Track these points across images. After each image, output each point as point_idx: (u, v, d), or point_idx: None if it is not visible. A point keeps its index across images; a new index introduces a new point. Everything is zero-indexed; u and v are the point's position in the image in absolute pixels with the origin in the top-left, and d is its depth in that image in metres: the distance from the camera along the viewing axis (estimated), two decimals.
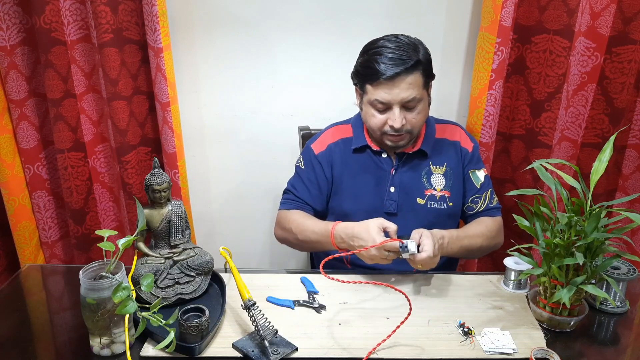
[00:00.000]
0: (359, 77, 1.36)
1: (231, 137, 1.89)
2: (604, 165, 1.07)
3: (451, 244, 1.30)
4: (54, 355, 1.09)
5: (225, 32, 1.74)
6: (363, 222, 1.25)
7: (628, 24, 1.49)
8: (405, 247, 1.17)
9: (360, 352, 1.03)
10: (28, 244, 1.72)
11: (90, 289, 0.98)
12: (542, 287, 1.13)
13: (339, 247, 1.30)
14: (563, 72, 1.60)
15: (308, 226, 1.38)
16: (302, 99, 1.84)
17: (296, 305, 1.19)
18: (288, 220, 1.43)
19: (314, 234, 1.36)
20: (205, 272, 1.21)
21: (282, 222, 1.46)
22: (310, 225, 1.38)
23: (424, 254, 1.17)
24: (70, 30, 1.54)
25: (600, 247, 1.05)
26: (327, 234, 1.31)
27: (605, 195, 1.71)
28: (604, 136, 1.61)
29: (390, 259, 1.21)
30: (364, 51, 1.37)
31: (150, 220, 1.18)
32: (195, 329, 1.01)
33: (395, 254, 1.20)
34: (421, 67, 1.31)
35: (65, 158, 1.68)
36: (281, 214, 1.48)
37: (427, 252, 1.18)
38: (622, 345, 1.11)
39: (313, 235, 1.36)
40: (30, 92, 1.62)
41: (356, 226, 1.25)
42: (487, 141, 1.68)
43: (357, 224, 1.26)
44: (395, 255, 1.20)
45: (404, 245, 1.17)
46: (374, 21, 1.73)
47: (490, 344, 1.05)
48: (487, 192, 1.46)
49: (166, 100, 1.61)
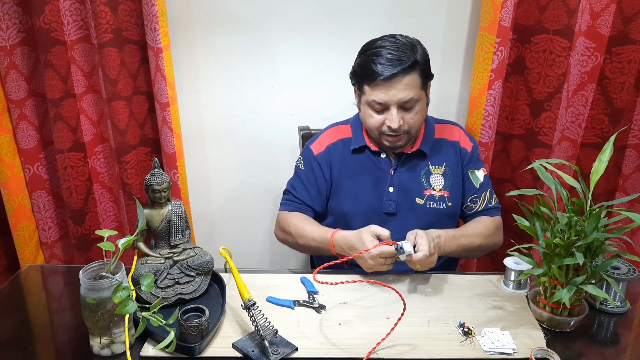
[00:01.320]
0: (357, 77, 1.36)
1: (231, 137, 1.89)
2: (604, 165, 1.07)
3: (448, 243, 1.30)
4: (54, 355, 1.08)
5: (225, 32, 1.74)
6: (357, 232, 1.26)
7: (628, 24, 1.49)
8: (400, 248, 1.18)
9: (360, 352, 1.03)
10: (28, 244, 1.72)
11: (90, 289, 0.98)
12: (542, 287, 1.13)
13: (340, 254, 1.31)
14: (563, 72, 1.60)
15: (308, 232, 1.39)
16: (302, 99, 1.83)
17: (296, 305, 1.19)
18: (288, 223, 1.44)
19: (313, 241, 1.37)
20: (205, 272, 1.21)
21: (282, 223, 1.46)
22: (310, 231, 1.39)
23: (420, 254, 1.18)
24: (70, 30, 1.54)
25: (600, 247, 1.05)
26: (326, 242, 1.33)
27: (605, 195, 1.71)
28: (604, 136, 1.61)
29: (389, 264, 1.22)
30: (361, 52, 1.37)
31: (150, 221, 1.18)
32: (195, 329, 1.01)
33: (393, 259, 1.21)
34: (419, 67, 1.30)
35: (65, 158, 1.68)
36: (281, 215, 1.49)
37: (423, 251, 1.18)
38: (622, 345, 1.11)
39: (313, 242, 1.37)
40: (30, 92, 1.62)
41: (352, 237, 1.27)
42: (486, 141, 1.68)
43: (352, 235, 1.27)
44: (393, 259, 1.21)
45: (399, 247, 1.18)
46: (374, 21, 1.73)
47: (490, 344, 1.05)
48: (487, 192, 1.46)
49: (166, 101, 1.61)
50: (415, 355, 1.03)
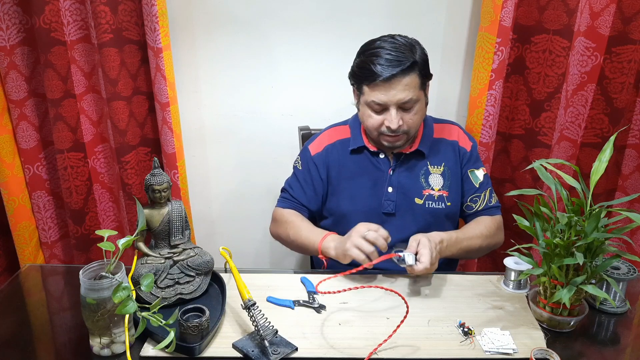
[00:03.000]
0: (356, 77, 1.36)
1: (231, 137, 1.89)
2: (604, 165, 1.07)
3: (450, 247, 1.30)
4: (54, 355, 1.08)
5: (225, 32, 1.74)
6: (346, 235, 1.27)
7: (628, 23, 1.49)
8: (402, 260, 1.18)
9: (360, 352, 1.03)
10: (28, 244, 1.72)
11: (90, 289, 0.98)
12: (542, 287, 1.12)
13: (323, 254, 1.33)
14: (563, 72, 1.59)
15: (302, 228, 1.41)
16: (302, 99, 1.83)
17: (296, 305, 1.19)
18: (283, 219, 1.46)
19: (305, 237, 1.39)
20: (205, 272, 1.21)
21: (278, 221, 1.49)
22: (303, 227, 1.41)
23: (421, 266, 1.17)
24: (70, 30, 1.54)
25: (600, 247, 1.04)
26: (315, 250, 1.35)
27: (605, 195, 1.71)
28: (604, 136, 1.61)
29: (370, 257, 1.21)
30: (360, 52, 1.37)
31: (150, 221, 1.18)
32: (195, 329, 1.01)
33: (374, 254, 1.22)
34: (417, 68, 1.30)
35: (65, 158, 1.68)
36: (276, 211, 1.51)
37: (424, 264, 1.17)
38: (622, 345, 1.11)
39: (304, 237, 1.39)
40: (30, 92, 1.62)
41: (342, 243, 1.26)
42: (487, 141, 1.68)
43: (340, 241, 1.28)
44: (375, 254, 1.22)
45: (402, 258, 1.18)
46: (374, 21, 1.73)
47: (490, 344, 1.05)
48: (486, 191, 1.46)
49: (165, 101, 1.61)
50: (416, 356, 1.03)
